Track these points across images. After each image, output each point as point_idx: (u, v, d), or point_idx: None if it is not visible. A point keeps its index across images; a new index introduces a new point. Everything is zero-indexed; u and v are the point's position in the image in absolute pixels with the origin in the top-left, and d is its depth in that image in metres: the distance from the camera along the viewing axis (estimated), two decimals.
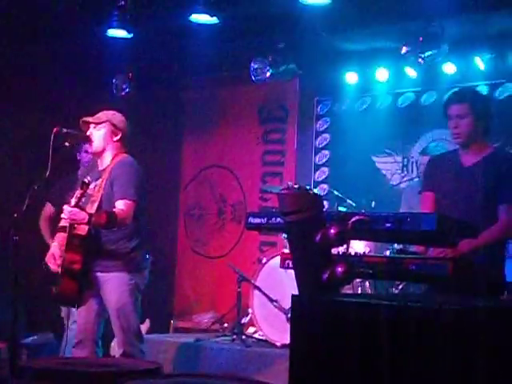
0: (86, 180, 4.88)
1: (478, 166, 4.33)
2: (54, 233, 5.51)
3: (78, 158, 6.60)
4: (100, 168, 5.17)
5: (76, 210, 4.84)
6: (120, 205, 4.95)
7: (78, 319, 5.18)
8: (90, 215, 4.85)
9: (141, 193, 5.06)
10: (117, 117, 5.21)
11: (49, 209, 6.69)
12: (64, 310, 6.14)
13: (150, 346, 6.05)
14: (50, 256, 5.10)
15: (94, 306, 5.12)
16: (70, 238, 4.96)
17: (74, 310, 5.29)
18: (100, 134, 5.14)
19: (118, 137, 5.14)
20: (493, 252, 4.29)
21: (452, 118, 4.38)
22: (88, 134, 5.15)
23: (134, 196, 4.98)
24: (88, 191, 5.01)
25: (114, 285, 5.02)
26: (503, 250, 4.41)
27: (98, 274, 5.05)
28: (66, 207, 4.88)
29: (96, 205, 4.98)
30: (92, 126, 5.16)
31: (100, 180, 5.08)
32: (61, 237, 5.09)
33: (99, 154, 5.18)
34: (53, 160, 5.05)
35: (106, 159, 5.16)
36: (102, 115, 5.19)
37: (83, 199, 4.88)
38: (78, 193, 4.87)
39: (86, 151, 6.26)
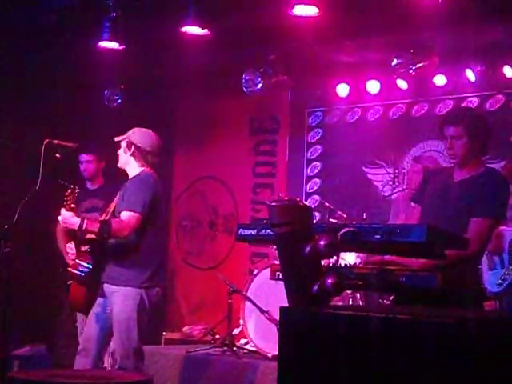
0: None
1: (465, 183, 4.33)
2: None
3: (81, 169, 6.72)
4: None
5: (69, 214, 4.89)
6: (122, 216, 4.99)
7: (85, 327, 5.18)
8: (82, 221, 4.87)
9: (149, 208, 5.05)
10: (135, 133, 5.26)
11: None
12: (79, 317, 6.13)
13: None
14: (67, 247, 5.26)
15: (102, 315, 5.11)
16: (78, 243, 5.04)
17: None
18: (120, 151, 5.25)
19: (130, 151, 5.19)
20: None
21: (447, 138, 4.39)
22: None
23: (138, 209, 4.99)
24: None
25: (119, 298, 5.01)
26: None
27: (106, 285, 5.08)
28: (62, 210, 4.95)
29: (109, 215, 5.09)
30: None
31: (120, 192, 5.15)
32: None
33: (123, 168, 5.26)
34: (44, 171, 5.07)
35: (131, 173, 5.23)
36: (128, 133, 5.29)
37: (72, 204, 4.99)
38: (66, 198, 4.95)
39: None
